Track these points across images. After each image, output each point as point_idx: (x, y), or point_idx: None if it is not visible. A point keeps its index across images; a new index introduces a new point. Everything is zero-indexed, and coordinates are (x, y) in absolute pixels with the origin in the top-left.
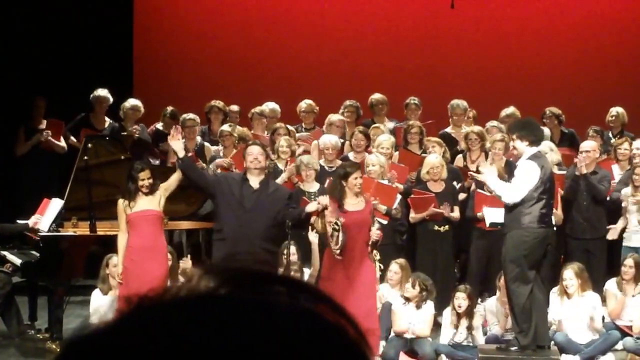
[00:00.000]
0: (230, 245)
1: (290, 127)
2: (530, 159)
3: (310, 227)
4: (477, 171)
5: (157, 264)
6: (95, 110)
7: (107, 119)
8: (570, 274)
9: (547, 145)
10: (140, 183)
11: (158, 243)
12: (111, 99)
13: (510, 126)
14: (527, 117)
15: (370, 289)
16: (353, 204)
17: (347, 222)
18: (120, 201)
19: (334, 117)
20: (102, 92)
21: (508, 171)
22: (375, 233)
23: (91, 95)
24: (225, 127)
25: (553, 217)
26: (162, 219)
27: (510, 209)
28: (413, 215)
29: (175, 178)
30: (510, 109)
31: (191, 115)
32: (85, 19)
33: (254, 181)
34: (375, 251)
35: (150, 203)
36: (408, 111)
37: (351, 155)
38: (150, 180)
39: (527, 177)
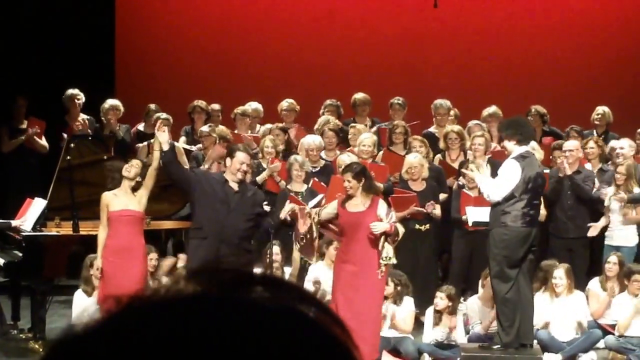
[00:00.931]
0: (211, 244)
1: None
2: (515, 158)
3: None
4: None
5: (135, 265)
6: (69, 110)
7: (82, 115)
8: (560, 273)
9: (529, 145)
10: (129, 169)
11: (136, 244)
12: (83, 97)
13: (498, 126)
14: (515, 116)
15: (371, 293)
16: (354, 204)
17: (342, 221)
18: (104, 195)
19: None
20: (74, 90)
21: (491, 169)
22: (375, 225)
23: (63, 96)
24: (205, 128)
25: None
26: (142, 220)
27: (493, 207)
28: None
29: (151, 171)
30: (492, 108)
31: (164, 115)
32: (67, 19)
33: (234, 184)
34: (386, 251)
35: (131, 202)
36: (392, 111)
37: (323, 154)
38: (138, 170)
39: (509, 176)
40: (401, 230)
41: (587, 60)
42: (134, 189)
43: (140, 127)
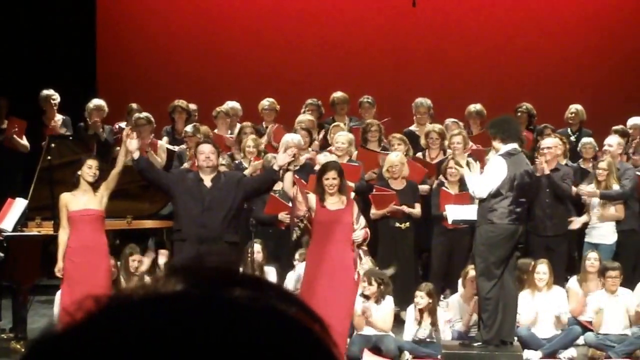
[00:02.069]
0: (191, 245)
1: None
2: (501, 155)
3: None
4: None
5: (99, 263)
6: (45, 110)
7: (59, 115)
8: (544, 268)
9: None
10: (87, 171)
11: (98, 242)
12: (58, 97)
13: (486, 126)
14: (502, 115)
15: (346, 291)
16: (332, 202)
17: (321, 219)
18: (62, 196)
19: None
20: (49, 91)
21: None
22: (357, 235)
23: (39, 97)
24: (189, 128)
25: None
26: (103, 218)
27: (480, 204)
28: (374, 212)
29: (114, 173)
30: (477, 106)
31: (143, 114)
32: (48, 19)
33: (207, 180)
34: (360, 251)
35: (91, 202)
36: (362, 110)
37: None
38: (97, 172)
39: (493, 173)
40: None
41: (564, 59)
42: (95, 188)
43: (122, 124)
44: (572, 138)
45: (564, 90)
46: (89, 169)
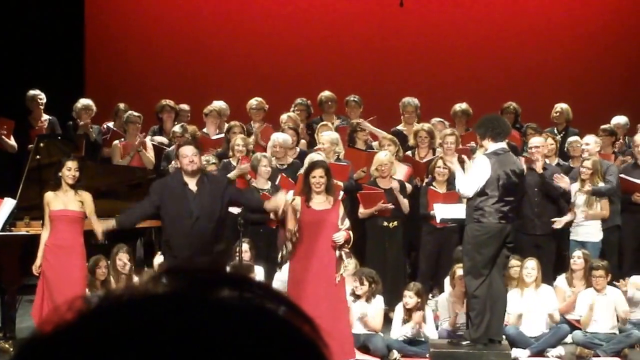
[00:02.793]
0: (181, 255)
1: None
2: (486, 154)
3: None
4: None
5: (72, 265)
6: (31, 110)
7: (45, 115)
8: (533, 264)
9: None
10: (67, 173)
11: (74, 244)
12: (44, 97)
13: (475, 125)
14: (489, 114)
15: (335, 291)
16: (318, 202)
17: (307, 219)
18: (45, 195)
19: (285, 116)
20: (35, 91)
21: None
22: (337, 236)
23: (25, 97)
24: (177, 129)
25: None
26: (82, 220)
27: (467, 203)
28: (362, 211)
29: (109, 226)
30: (463, 105)
31: (135, 113)
32: (36, 19)
33: (192, 184)
34: (342, 253)
35: (71, 203)
36: (349, 109)
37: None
38: (77, 173)
39: (477, 173)
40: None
41: (551, 58)
42: (76, 189)
43: (110, 124)
44: (558, 137)
45: (549, 89)
46: (69, 170)
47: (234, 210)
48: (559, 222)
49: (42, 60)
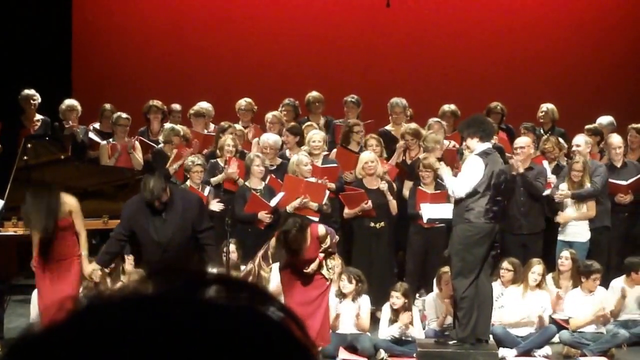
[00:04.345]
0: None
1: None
2: (478, 154)
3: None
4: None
5: (65, 268)
6: (25, 110)
7: (38, 115)
8: (539, 269)
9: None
10: None
11: (68, 252)
12: (39, 97)
13: (459, 126)
14: (475, 114)
15: (321, 294)
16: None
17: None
18: None
19: (270, 115)
20: (29, 91)
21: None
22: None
23: (19, 97)
24: (166, 132)
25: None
26: (72, 224)
27: (456, 203)
28: (347, 212)
29: (83, 234)
30: (451, 107)
31: (124, 115)
32: (23, 19)
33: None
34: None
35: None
36: (347, 109)
37: (288, 153)
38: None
39: (472, 172)
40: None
41: (537, 58)
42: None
43: (96, 125)
44: (544, 137)
45: (535, 89)
46: None
47: (217, 207)
48: (561, 217)
49: (29, 61)
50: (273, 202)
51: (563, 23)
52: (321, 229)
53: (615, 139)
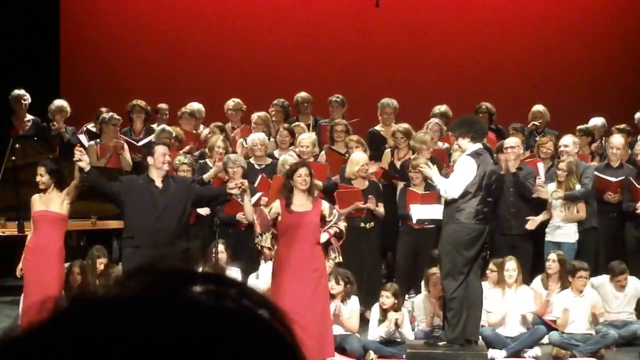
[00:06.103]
0: (145, 251)
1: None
2: (469, 155)
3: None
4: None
5: (49, 266)
6: (15, 110)
7: (29, 115)
8: (513, 265)
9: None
10: (38, 178)
11: (52, 244)
12: (29, 97)
13: (451, 126)
14: (466, 115)
15: (320, 292)
16: (299, 204)
17: (288, 222)
18: (33, 197)
19: (255, 115)
20: (20, 91)
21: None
22: (322, 237)
23: (9, 97)
24: (158, 132)
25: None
26: (62, 221)
27: (447, 204)
28: (338, 210)
29: (73, 185)
30: (443, 107)
31: (116, 115)
32: (11, 20)
33: (158, 181)
34: (333, 254)
35: (52, 204)
36: (331, 108)
37: (277, 153)
38: (45, 178)
39: (464, 173)
40: (343, 225)
41: (529, 60)
42: (59, 189)
43: (90, 126)
44: (537, 139)
45: (527, 90)
46: (40, 176)
47: (204, 211)
48: (532, 222)
49: (17, 61)
50: (251, 201)
51: (554, 24)
52: (325, 203)
53: (617, 140)
